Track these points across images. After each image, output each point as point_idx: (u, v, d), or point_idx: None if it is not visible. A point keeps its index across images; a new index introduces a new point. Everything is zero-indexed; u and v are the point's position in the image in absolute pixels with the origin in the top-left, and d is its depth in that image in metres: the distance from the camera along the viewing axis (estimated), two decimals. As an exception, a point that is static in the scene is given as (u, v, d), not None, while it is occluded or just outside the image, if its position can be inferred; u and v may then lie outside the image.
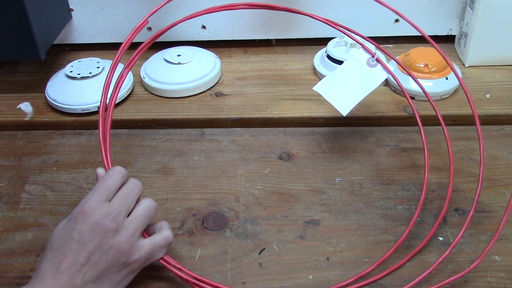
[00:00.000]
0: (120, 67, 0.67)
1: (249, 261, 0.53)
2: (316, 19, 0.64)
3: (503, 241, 0.54)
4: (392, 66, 0.64)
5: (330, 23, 0.64)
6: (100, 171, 0.52)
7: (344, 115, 0.62)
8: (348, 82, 0.63)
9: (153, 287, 0.51)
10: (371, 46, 0.66)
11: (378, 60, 0.63)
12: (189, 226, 0.57)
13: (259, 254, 0.54)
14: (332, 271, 0.52)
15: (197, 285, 0.49)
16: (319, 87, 0.63)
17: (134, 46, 0.87)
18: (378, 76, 0.63)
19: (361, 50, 0.64)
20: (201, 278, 0.50)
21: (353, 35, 0.66)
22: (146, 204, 0.49)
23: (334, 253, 0.53)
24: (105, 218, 0.46)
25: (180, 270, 0.50)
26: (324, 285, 0.50)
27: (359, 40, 0.66)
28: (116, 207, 0.47)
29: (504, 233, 0.55)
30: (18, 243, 0.55)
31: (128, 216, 0.48)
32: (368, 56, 0.64)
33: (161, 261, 0.50)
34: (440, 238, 0.54)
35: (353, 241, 0.55)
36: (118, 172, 0.50)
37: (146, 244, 0.48)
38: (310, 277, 0.51)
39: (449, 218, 0.57)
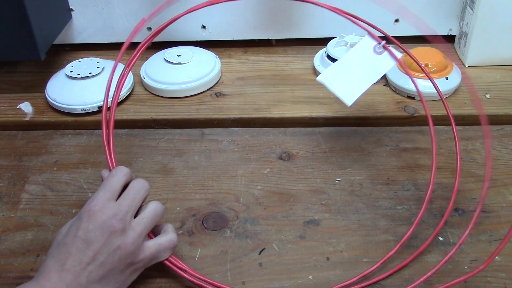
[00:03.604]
0: (120, 67, 0.67)
1: (249, 261, 0.53)
2: (322, 6, 0.62)
3: (503, 241, 0.54)
4: (399, 54, 0.61)
5: (336, 11, 0.62)
6: (104, 173, 0.53)
7: (349, 105, 0.59)
8: (353, 70, 0.61)
9: (155, 286, 0.51)
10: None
11: (385, 47, 0.60)
12: (189, 226, 0.57)
13: (259, 254, 0.54)
14: (332, 271, 0.52)
15: (202, 286, 0.50)
16: (322, 77, 0.61)
17: (134, 45, 0.87)
18: (385, 64, 0.60)
19: (367, 37, 0.61)
20: (206, 279, 0.50)
21: (360, 22, 0.63)
22: (153, 207, 0.50)
23: (334, 253, 0.53)
24: (112, 218, 0.46)
25: (184, 271, 0.50)
26: (324, 285, 0.50)
27: (366, 27, 0.62)
28: (124, 208, 0.47)
29: (504, 233, 0.55)
30: (18, 243, 0.55)
31: (135, 217, 0.48)
32: (375, 43, 0.61)
33: (166, 262, 0.50)
34: (440, 238, 0.54)
35: (353, 241, 0.55)
36: (121, 171, 0.50)
37: (151, 245, 0.48)
38: (310, 277, 0.51)
39: (449, 218, 0.56)
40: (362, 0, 0.80)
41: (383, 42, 0.61)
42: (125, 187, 0.50)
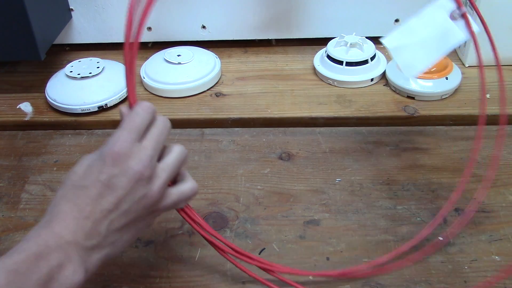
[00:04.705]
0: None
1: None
2: None
3: (503, 241, 0.54)
4: (477, 27, 0.52)
5: None
6: (124, 109, 0.45)
7: (409, 78, 0.53)
8: (422, 37, 0.52)
9: (155, 286, 0.51)
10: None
11: (464, 15, 0.51)
12: (189, 226, 0.56)
13: (259, 254, 0.54)
14: (332, 271, 0.52)
15: (213, 242, 0.48)
16: (389, 41, 0.53)
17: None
18: (457, 35, 0.52)
19: None
20: (218, 236, 0.48)
21: None
22: (179, 151, 0.45)
23: (334, 253, 0.53)
24: (138, 164, 0.41)
25: (198, 224, 0.48)
26: (324, 285, 0.50)
27: None
28: (149, 152, 0.42)
29: (504, 233, 0.55)
30: (18, 243, 0.55)
31: (159, 162, 0.43)
32: (453, 6, 0.51)
33: (182, 213, 0.48)
34: (440, 238, 0.54)
35: (353, 241, 0.55)
36: (147, 108, 0.44)
37: (174, 193, 0.44)
38: (310, 277, 0.51)
39: (449, 218, 0.56)
40: (363, 0, 0.80)
41: (464, 8, 0.51)
42: None
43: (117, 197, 0.40)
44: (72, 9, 0.81)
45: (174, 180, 0.46)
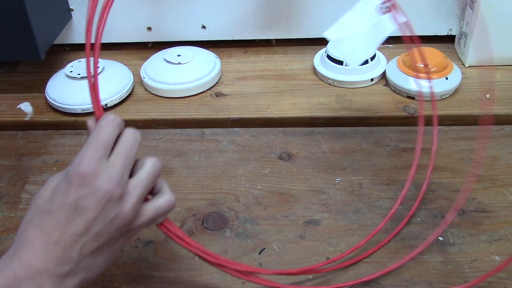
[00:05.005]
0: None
1: (249, 261, 0.53)
2: None
3: (503, 241, 0.54)
4: (404, 18, 0.54)
5: None
6: (91, 123, 0.43)
7: (353, 67, 0.56)
8: (357, 30, 0.55)
9: (155, 286, 0.51)
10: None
11: (389, 8, 0.54)
12: (189, 226, 0.57)
13: (259, 254, 0.54)
14: (332, 271, 0.52)
15: (199, 255, 0.47)
16: (330, 34, 0.55)
17: (133, 45, 0.88)
18: (386, 27, 0.54)
19: None
20: (204, 249, 0.47)
21: None
22: (152, 165, 0.42)
23: (334, 253, 0.53)
24: (108, 183, 0.38)
25: (180, 238, 0.46)
26: (324, 285, 0.50)
27: None
28: (118, 169, 0.39)
29: (504, 233, 0.55)
30: None
31: (131, 179, 0.41)
32: (380, 1, 0.54)
33: (162, 227, 0.45)
34: (440, 238, 0.54)
35: (353, 241, 0.55)
36: (112, 121, 0.41)
37: (149, 209, 0.42)
38: (310, 277, 0.51)
39: (449, 218, 0.56)
40: None
41: (390, 2, 0.54)
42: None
43: (87, 220, 0.38)
44: (72, 9, 0.81)
45: (151, 191, 0.43)
